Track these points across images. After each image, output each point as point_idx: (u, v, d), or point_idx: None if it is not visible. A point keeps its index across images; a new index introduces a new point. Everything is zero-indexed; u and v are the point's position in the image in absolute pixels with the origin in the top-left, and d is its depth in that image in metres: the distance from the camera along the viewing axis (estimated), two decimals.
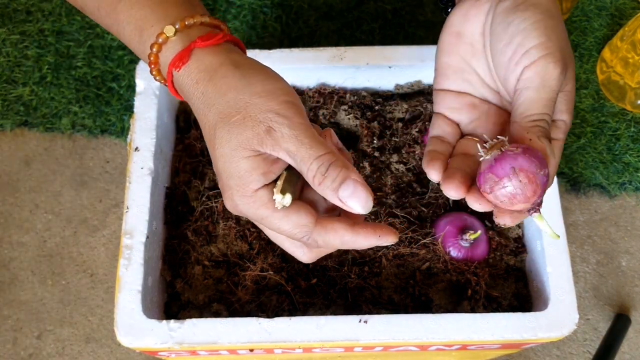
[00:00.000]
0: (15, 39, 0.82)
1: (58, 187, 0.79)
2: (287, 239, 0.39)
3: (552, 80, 0.38)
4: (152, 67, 0.39)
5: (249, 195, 0.37)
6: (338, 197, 0.36)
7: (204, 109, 0.37)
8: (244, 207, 0.37)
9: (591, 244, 0.77)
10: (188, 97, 0.38)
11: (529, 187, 0.36)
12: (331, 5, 0.83)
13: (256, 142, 0.36)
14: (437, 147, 0.42)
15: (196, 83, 0.38)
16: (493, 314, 0.48)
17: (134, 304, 0.48)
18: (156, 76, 0.40)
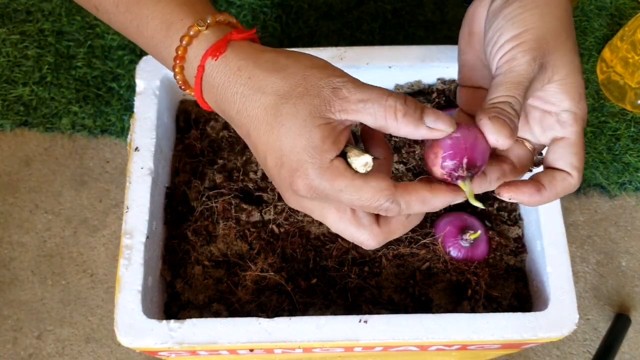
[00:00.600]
0: (15, 39, 0.82)
1: (58, 187, 0.79)
2: (354, 224, 0.38)
3: (518, 65, 0.38)
4: (177, 62, 0.39)
5: (327, 167, 0.35)
6: (425, 124, 0.36)
7: (254, 93, 0.36)
8: (321, 180, 0.35)
9: (591, 244, 0.77)
10: (227, 86, 0.37)
11: (455, 147, 0.37)
12: (331, 5, 0.83)
13: (324, 107, 0.35)
14: None
15: (238, 70, 0.37)
16: (493, 314, 0.48)
17: (134, 304, 0.48)
18: (178, 74, 0.39)
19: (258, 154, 0.38)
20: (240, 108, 0.37)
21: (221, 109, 0.39)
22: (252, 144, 0.38)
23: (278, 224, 0.54)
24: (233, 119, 0.38)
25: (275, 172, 0.37)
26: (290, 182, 0.36)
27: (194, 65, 0.38)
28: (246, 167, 0.57)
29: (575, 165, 0.40)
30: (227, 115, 0.38)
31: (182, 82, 0.40)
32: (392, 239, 0.39)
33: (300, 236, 0.54)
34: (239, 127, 0.38)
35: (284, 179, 0.37)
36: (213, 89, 0.38)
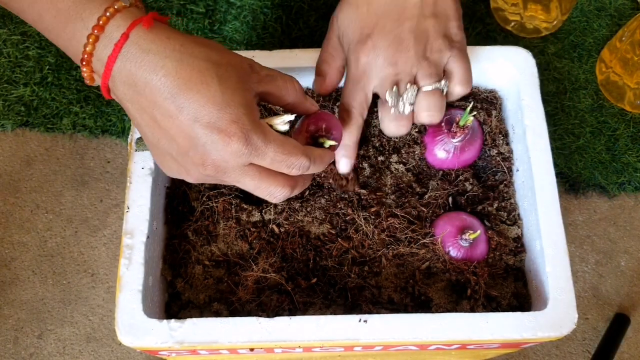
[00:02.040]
0: (16, 39, 0.82)
1: (59, 187, 0.79)
2: (278, 179, 0.44)
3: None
4: (94, 31, 0.40)
5: (258, 122, 0.42)
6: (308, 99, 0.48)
7: (188, 58, 0.40)
8: (256, 132, 0.41)
9: (590, 243, 0.77)
10: (156, 52, 0.40)
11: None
12: (331, 6, 0.83)
13: (246, 77, 0.43)
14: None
15: (167, 38, 0.40)
16: (492, 314, 0.49)
17: (135, 304, 0.49)
18: (88, 45, 0.40)
19: (175, 118, 0.40)
20: (169, 72, 0.40)
21: (137, 78, 0.40)
22: (170, 108, 0.40)
23: (278, 224, 0.54)
24: (152, 85, 0.40)
25: (202, 132, 0.40)
26: (230, 131, 0.40)
27: (115, 36, 0.40)
28: None
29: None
30: (143, 83, 0.40)
31: (86, 53, 0.40)
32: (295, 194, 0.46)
33: (300, 236, 0.54)
34: (156, 92, 0.40)
35: (229, 124, 0.41)
36: (136, 57, 0.40)
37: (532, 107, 0.56)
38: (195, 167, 0.42)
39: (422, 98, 0.50)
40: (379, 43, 0.50)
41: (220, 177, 0.43)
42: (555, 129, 0.79)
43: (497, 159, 0.58)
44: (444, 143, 0.56)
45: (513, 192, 0.57)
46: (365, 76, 0.51)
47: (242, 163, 0.42)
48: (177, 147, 0.42)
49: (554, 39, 0.83)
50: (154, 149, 0.44)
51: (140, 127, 0.43)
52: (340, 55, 0.53)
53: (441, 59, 0.50)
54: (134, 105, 0.41)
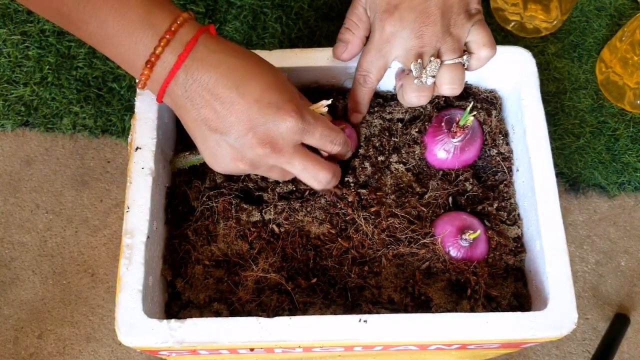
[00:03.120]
0: (16, 39, 0.82)
1: (59, 187, 0.79)
2: (323, 163, 0.50)
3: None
4: (166, 36, 0.45)
5: (308, 107, 0.50)
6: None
7: (250, 59, 0.48)
8: (308, 110, 0.49)
9: (590, 243, 0.77)
10: (223, 51, 0.47)
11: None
12: (331, 6, 0.83)
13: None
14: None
15: (230, 43, 0.48)
16: (492, 314, 0.49)
17: (135, 304, 0.49)
18: (158, 47, 0.45)
19: (237, 103, 0.46)
20: (232, 66, 0.46)
21: (202, 73, 0.46)
22: (232, 96, 0.46)
23: (278, 224, 0.54)
24: (216, 78, 0.46)
25: (262, 112, 0.47)
26: (288, 110, 0.47)
27: (185, 39, 0.46)
28: None
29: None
30: (207, 77, 0.46)
31: (155, 56, 0.45)
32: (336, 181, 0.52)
33: (300, 236, 0.54)
34: (219, 83, 0.46)
35: (285, 103, 0.47)
36: (203, 55, 0.46)
37: (532, 107, 0.56)
38: (252, 149, 0.47)
39: (445, 71, 0.52)
40: (406, 15, 0.51)
41: (275, 158, 0.48)
42: (555, 129, 0.79)
43: (497, 159, 0.58)
44: (444, 143, 0.56)
45: (513, 192, 0.57)
46: (388, 45, 0.53)
47: (296, 140, 0.48)
48: (236, 131, 0.47)
49: (554, 39, 0.83)
50: (210, 144, 0.48)
51: (196, 125, 0.48)
52: (364, 25, 0.55)
53: (463, 33, 0.52)
54: (193, 102, 0.47)
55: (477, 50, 0.53)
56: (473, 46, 0.53)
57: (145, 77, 0.46)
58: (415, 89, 0.53)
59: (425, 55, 0.52)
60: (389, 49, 0.53)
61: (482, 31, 0.53)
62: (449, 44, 0.52)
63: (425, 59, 0.52)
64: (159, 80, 0.46)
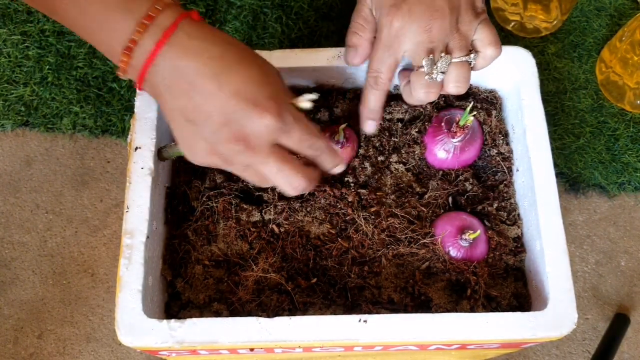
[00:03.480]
0: (16, 39, 0.82)
1: (59, 187, 0.79)
2: (298, 167, 0.48)
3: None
4: (143, 21, 0.43)
5: (289, 104, 0.47)
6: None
7: (235, 48, 0.45)
8: (288, 110, 0.46)
9: (590, 243, 0.77)
10: (205, 39, 0.44)
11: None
12: (331, 6, 0.83)
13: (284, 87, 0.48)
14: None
15: (213, 30, 0.45)
16: (492, 314, 0.49)
17: (135, 304, 0.49)
18: (136, 33, 0.43)
19: (214, 95, 0.44)
20: (213, 55, 0.44)
21: (181, 61, 0.44)
22: (210, 87, 0.44)
23: (278, 224, 0.54)
24: (195, 67, 0.44)
25: (239, 106, 0.44)
26: (271, 103, 0.45)
27: (164, 24, 0.44)
28: None
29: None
30: (185, 65, 0.44)
31: (132, 42, 0.44)
32: (310, 188, 0.49)
33: (300, 236, 0.54)
34: (198, 73, 0.44)
35: (269, 97, 0.45)
36: (183, 43, 0.44)
37: (532, 107, 0.56)
38: (225, 144, 0.45)
39: (452, 69, 0.52)
40: (414, 8, 0.50)
41: (249, 156, 0.46)
42: (555, 129, 0.79)
43: (497, 159, 0.58)
44: (444, 143, 0.56)
45: (513, 192, 0.57)
46: (397, 41, 0.51)
47: (272, 139, 0.46)
48: (212, 124, 0.45)
49: (554, 39, 0.83)
50: (185, 135, 0.47)
51: (173, 115, 0.46)
52: (371, 26, 0.54)
53: (470, 31, 0.52)
54: (171, 91, 0.45)
55: (482, 49, 0.53)
56: (479, 45, 0.53)
57: (124, 63, 0.45)
58: (424, 85, 0.52)
59: (436, 51, 0.51)
60: (399, 44, 0.51)
61: (488, 30, 0.53)
62: (457, 40, 0.51)
63: (436, 54, 0.51)
64: (137, 67, 0.45)
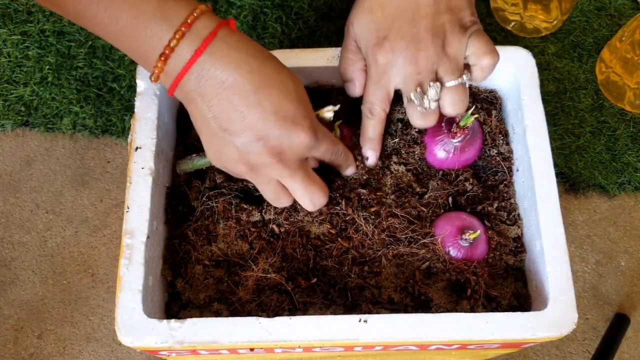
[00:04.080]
0: (16, 39, 0.82)
1: (59, 187, 0.79)
2: (320, 184, 0.51)
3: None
4: (182, 28, 0.44)
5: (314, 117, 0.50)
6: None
7: (270, 62, 0.47)
8: (319, 127, 0.49)
9: (590, 243, 0.77)
10: (244, 50, 0.45)
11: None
12: (331, 6, 0.83)
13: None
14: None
15: (250, 41, 0.46)
16: (492, 314, 0.49)
17: (135, 304, 0.49)
18: (173, 40, 0.44)
19: (255, 108, 0.45)
20: (253, 69, 0.45)
21: (220, 71, 0.44)
22: (251, 99, 0.45)
23: (278, 224, 0.54)
24: (236, 79, 0.45)
25: (278, 124, 0.46)
26: (300, 119, 0.47)
27: (202, 33, 0.44)
28: None
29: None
30: (226, 75, 0.44)
31: (169, 48, 0.44)
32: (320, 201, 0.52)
33: (300, 236, 0.54)
34: (239, 84, 0.45)
35: (288, 128, 0.47)
36: (222, 52, 0.44)
37: (532, 107, 0.56)
38: (258, 156, 0.47)
39: (446, 93, 0.52)
40: (396, 44, 0.51)
41: (279, 170, 0.48)
42: (555, 129, 0.79)
43: (497, 159, 0.58)
44: (444, 143, 0.56)
45: (513, 192, 0.57)
46: (385, 76, 0.53)
47: (304, 154, 0.48)
48: (248, 136, 0.46)
49: (554, 39, 0.83)
50: (215, 142, 0.48)
51: (206, 121, 0.47)
52: (360, 57, 0.55)
53: (460, 50, 0.52)
54: (206, 99, 0.45)
55: (478, 61, 0.53)
56: (473, 58, 0.53)
57: (159, 69, 0.45)
58: (420, 115, 0.53)
59: (424, 83, 0.52)
60: (387, 80, 0.53)
61: (480, 40, 0.52)
62: (446, 65, 0.51)
63: (424, 86, 0.52)
64: (172, 74, 0.45)
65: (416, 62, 0.51)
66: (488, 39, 0.53)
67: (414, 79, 0.52)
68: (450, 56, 0.51)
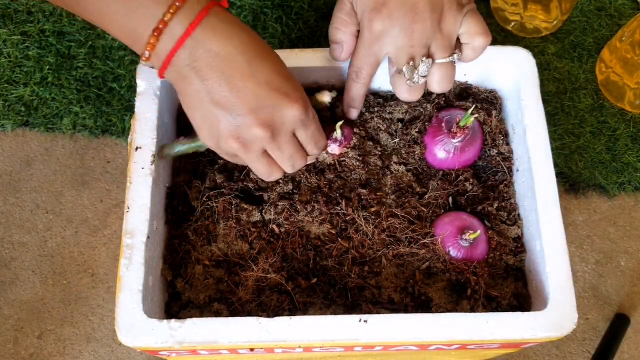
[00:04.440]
0: (16, 39, 0.83)
1: (59, 187, 0.79)
2: (304, 155, 0.51)
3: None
4: (175, 3, 0.44)
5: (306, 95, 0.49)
6: None
7: (258, 37, 0.47)
8: (310, 105, 0.49)
9: (590, 243, 0.77)
10: (235, 24, 0.46)
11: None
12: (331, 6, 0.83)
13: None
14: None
15: (238, 19, 0.47)
16: (492, 314, 0.49)
17: (135, 304, 0.49)
18: (167, 14, 0.44)
19: (249, 79, 0.46)
20: (244, 41, 0.46)
21: (213, 43, 0.45)
22: (246, 70, 0.46)
23: (278, 224, 0.54)
24: (230, 50, 0.45)
25: (272, 94, 0.46)
26: (294, 97, 0.47)
27: (196, 8, 0.45)
28: (246, 167, 0.57)
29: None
30: (219, 47, 0.45)
31: (163, 23, 0.44)
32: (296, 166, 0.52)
33: (300, 236, 0.54)
34: (233, 56, 0.45)
35: (281, 99, 0.47)
36: (215, 26, 0.45)
37: (532, 107, 0.56)
38: (250, 129, 0.47)
39: (435, 70, 0.53)
40: (394, 12, 0.51)
41: (268, 142, 0.48)
42: (555, 129, 0.79)
43: (497, 159, 0.58)
44: (444, 143, 0.56)
45: (513, 192, 0.57)
46: (378, 43, 0.52)
47: (294, 128, 0.48)
48: (241, 109, 0.46)
49: (554, 39, 0.83)
50: (208, 117, 0.47)
51: (198, 96, 0.47)
52: (353, 20, 0.54)
53: (454, 27, 0.52)
54: (199, 73, 0.45)
55: (470, 40, 0.53)
56: (466, 37, 0.53)
57: (151, 46, 0.45)
58: (406, 89, 0.54)
59: (417, 56, 0.52)
60: (379, 47, 0.52)
61: (474, 20, 0.52)
62: (440, 41, 0.51)
63: (416, 60, 0.52)
64: (164, 50, 0.45)
65: (411, 33, 0.51)
66: (482, 19, 0.53)
67: (406, 51, 0.51)
68: (444, 32, 0.51)
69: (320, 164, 0.57)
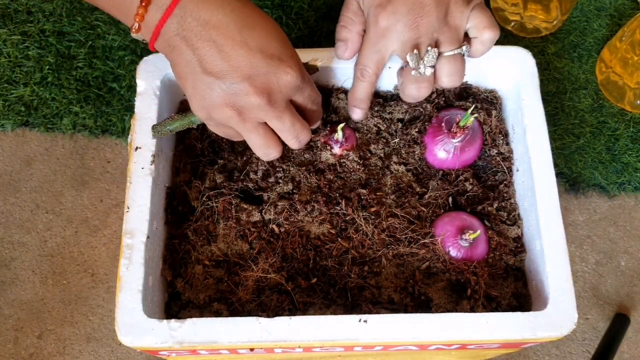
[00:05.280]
0: (16, 39, 0.82)
1: (59, 187, 0.79)
2: (305, 123, 0.51)
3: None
4: None
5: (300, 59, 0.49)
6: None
7: (250, 4, 0.47)
8: (304, 69, 0.49)
9: (590, 243, 0.77)
10: None
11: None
12: (331, 6, 0.83)
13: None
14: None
15: None
16: (492, 314, 0.49)
17: (135, 304, 0.49)
18: None
19: (241, 47, 0.45)
20: (235, 8, 0.45)
21: (203, 11, 0.44)
22: (237, 38, 0.45)
23: (278, 224, 0.54)
24: (220, 18, 0.45)
25: (266, 61, 0.46)
26: (288, 64, 0.47)
27: None
28: (246, 167, 0.57)
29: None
30: (209, 15, 0.44)
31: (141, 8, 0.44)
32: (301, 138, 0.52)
33: (300, 236, 0.54)
34: (224, 24, 0.45)
35: (285, 58, 0.47)
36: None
37: (532, 107, 0.56)
38: (246, 97, 0.46)
39: (443, 63, 0.52)
40: (399, 8, 0.50)
41: (267, 110, 0.47)
42: (555, 129, 0.79)
43: (497, 159, 0.58)
44: (444, 143, 0.56)
45: (513, 192, 0.57)
46: (384, 39, 0.52)
47: (290, 95, 0.48)
48: (235, 76, 0.45)
49: (554, 39, 0.83)
50: (200, 87, 0.46)
51: (190, 66, 0.46)
52: (360, 19, 0.54)
53: (462, 21, 0.51)
54: (190, 42, 0.44)
55: (479, 34, 0.52)
56: (474, 31, 0.52)
57: (140, 17, 0.44)
58: (413, 80, 0.53)
59: (422, 46, 0.51)
60: (385, 44, 0.52)
61: (482, 14, 0.52)
62: (447, 34, 0.51)
63: (422, 49, 0.51)
64: (154, 20, 0.45)
65: (417, 27, 0.50)
66: (490, 13, 0.53)
67: (412, 43, 0.51)
68: (451, 26, 0.51)
69: (321, 164, 0.57)
